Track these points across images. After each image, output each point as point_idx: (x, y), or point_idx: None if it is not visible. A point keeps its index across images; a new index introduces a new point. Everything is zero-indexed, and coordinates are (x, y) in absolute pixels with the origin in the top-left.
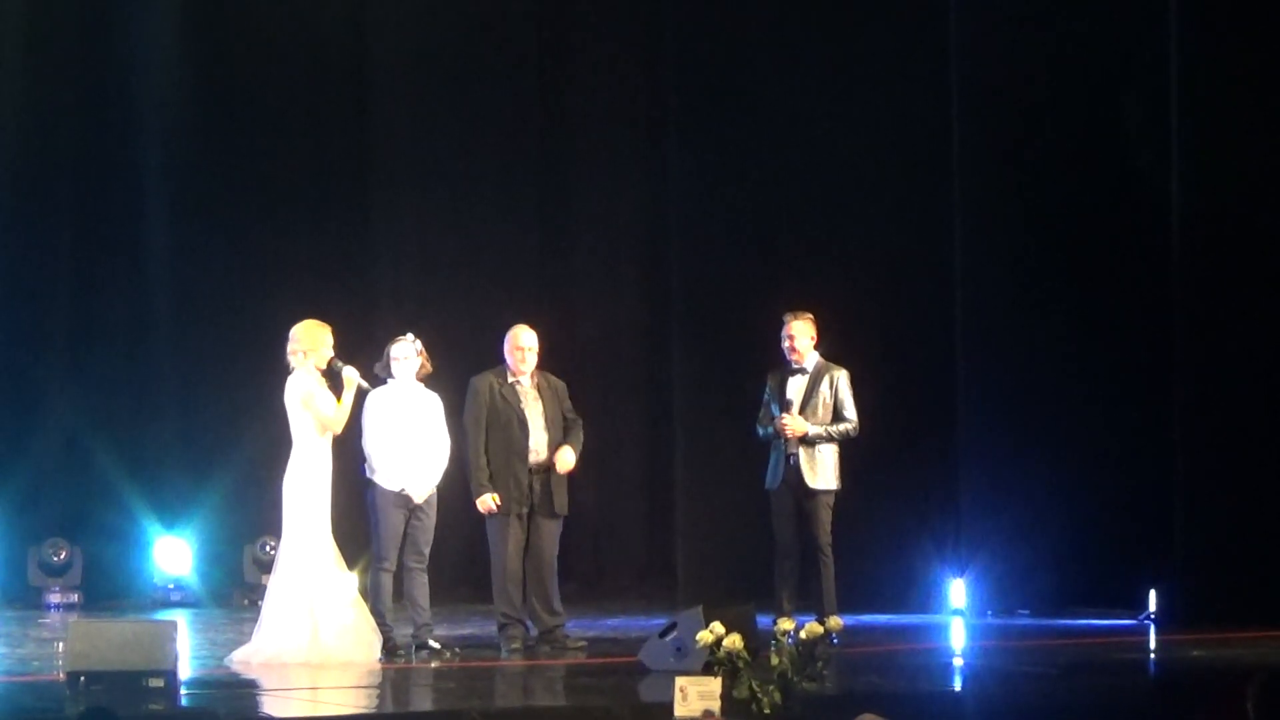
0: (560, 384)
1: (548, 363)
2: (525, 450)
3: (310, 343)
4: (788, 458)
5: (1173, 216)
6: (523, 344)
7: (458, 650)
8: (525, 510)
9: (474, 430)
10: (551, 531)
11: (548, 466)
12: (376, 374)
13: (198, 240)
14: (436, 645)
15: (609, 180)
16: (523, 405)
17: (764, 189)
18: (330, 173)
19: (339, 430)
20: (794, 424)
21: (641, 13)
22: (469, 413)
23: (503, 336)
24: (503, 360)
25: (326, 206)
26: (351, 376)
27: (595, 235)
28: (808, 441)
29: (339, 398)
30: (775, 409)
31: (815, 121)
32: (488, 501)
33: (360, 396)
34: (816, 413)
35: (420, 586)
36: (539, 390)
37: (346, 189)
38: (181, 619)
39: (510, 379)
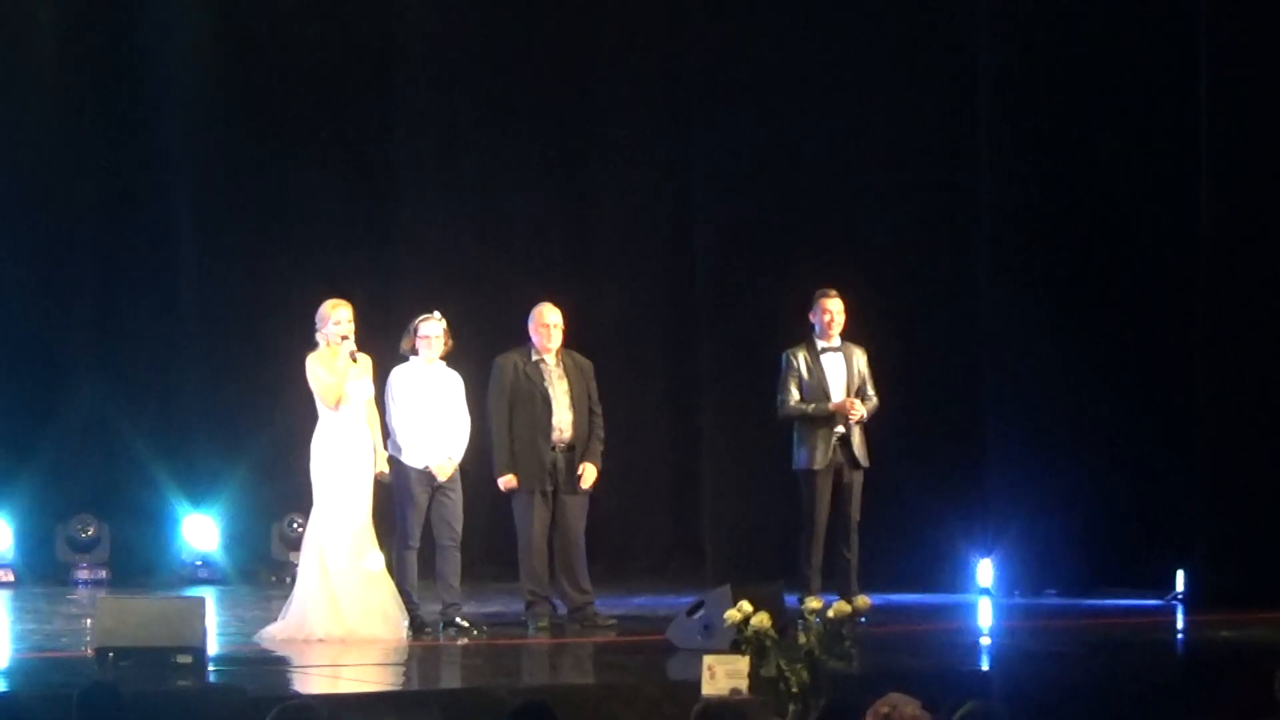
0: (586, 363)
1: (573, 341)
2: (549, 428)
3: (320, 318)
4: (836, 436)
5: (1200, 193)
6: (547, 321)
7: (485, 628)
8: (550, 488)
9: (498, 409)
10: (577, 509)
11: (572, 444)
12: (401, 351)
13: (221, 216)
14: (464, 623)
15: (634, 158)
16: (546, 384)
17: (788, 167)
18: (355, 150)
19: (331, 404)
20: (859, 408)
21: None
22: (493, 391)
23: (527, 314)
24: (528, 338)
25: (351, 184)
26: (345, 350)
27: (620, 213)
28: (858, 422)
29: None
30: (810, 388)
31: (842, 102)
32: (509, 480)
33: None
34: (857, 391)
35: (452, 565)
36: (564, 368)
37: (371, 167)
38: (209, 596)
39: (535, 357)
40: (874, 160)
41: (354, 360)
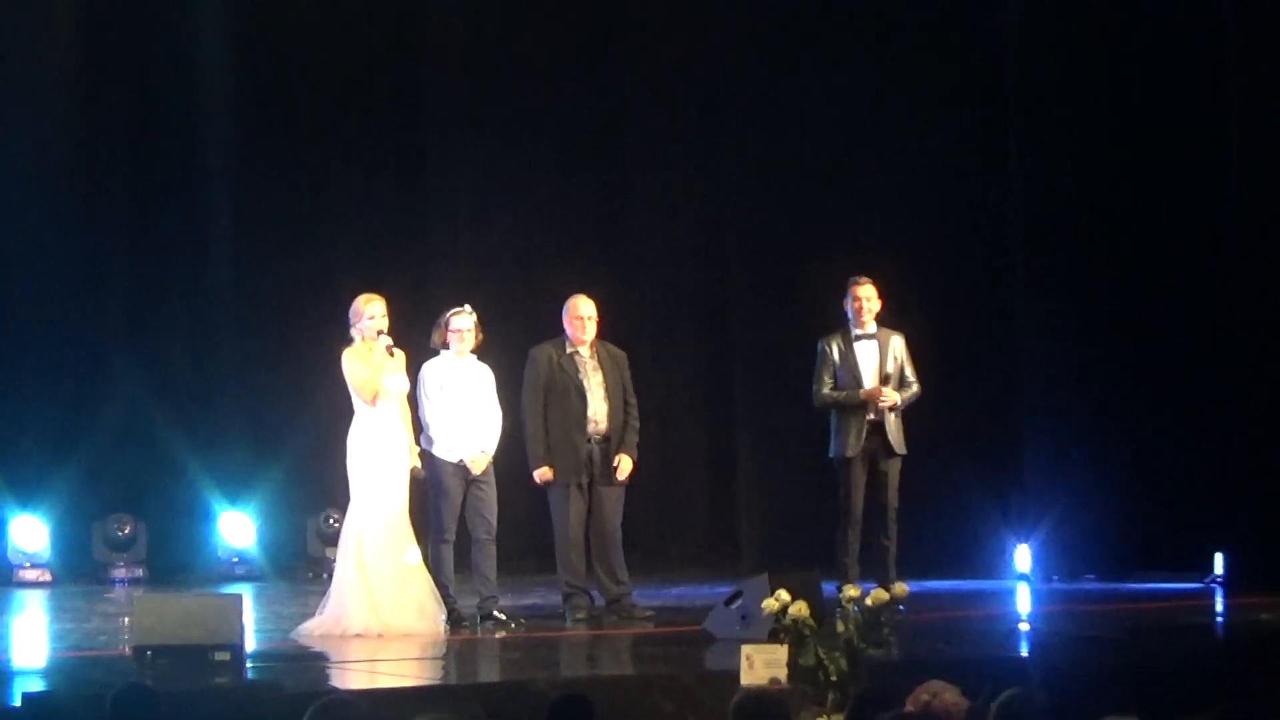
0: (621, 354)
1: (607, 332)
2: (584, 420)
3: (354, 314)
4: (869, 424)
5: (1233, 174)
6: (582, 313)
7: (523, 621)
8: (585, 480)
9: (532, 402)
10: (613, 500)
11: (607, 436)
12: (433, 345)
13: (256, 211)
14: (502, 616)
15: (668, 149)
16: (581, 376)
17: (821, 154)
18: (385, 141)
19: (367, 399)
20: (890, 395)
21: None
22: (528, 384)
23: (560, 306)
24: (562, 331)
25: (381, 174)
26: (380, 344)
27: (654, 204)
28: (891, 409)
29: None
30: (845, 376)
31: (877, 90)
32: (544, 473)
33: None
34: (893, 379)
35: (488, 558)
36: (599, 360)
37: (403, 160)
38: (246, 593)
39: (569, 349)
40: (910, 148)
41: (390, 355)
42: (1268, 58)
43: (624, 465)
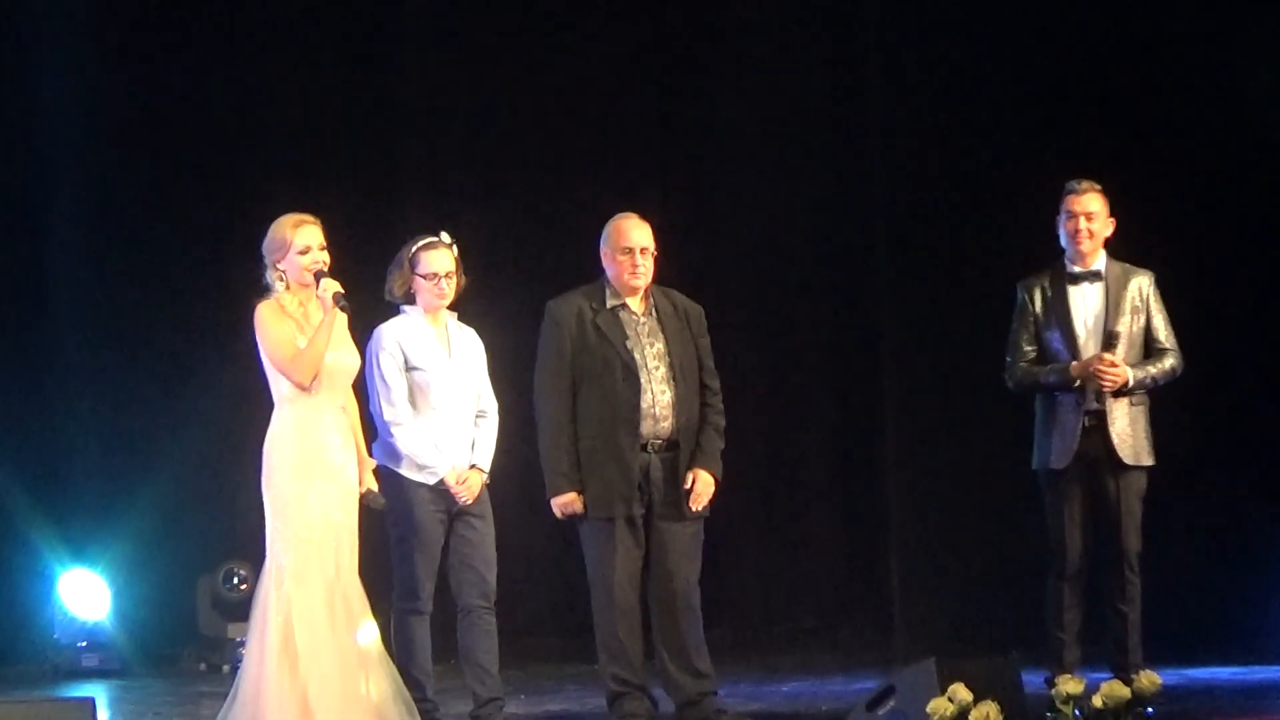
0: (695, 309)
1: (673, 275)
2: (635, 414)
3: (273, 246)
4: (1085, 416)
5: None
6: (632, 242)
7: None
8: (639, 511)
9: (551, 386)
10: (685, 543)
11: (674, 440)
12: (388, 296)
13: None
14: None
15: None
16: (631, 344)
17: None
18: None
19: (303, 378)
20: (1118, 370)
21: None
22: (544, 357)
23: (597, 235)
24: (599, 272)
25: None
26: (325, 291)
27: (750, 84)
28: (1123, 392)
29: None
30: (1053, 340)
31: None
32: (569, 502)
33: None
34: (1131, 344)
35: (485, 636)
36: (659, 319)
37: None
38: (99, 696)
39: (611, 302)
40: None
41: (341, 307)
42: None
43: (702, 487)
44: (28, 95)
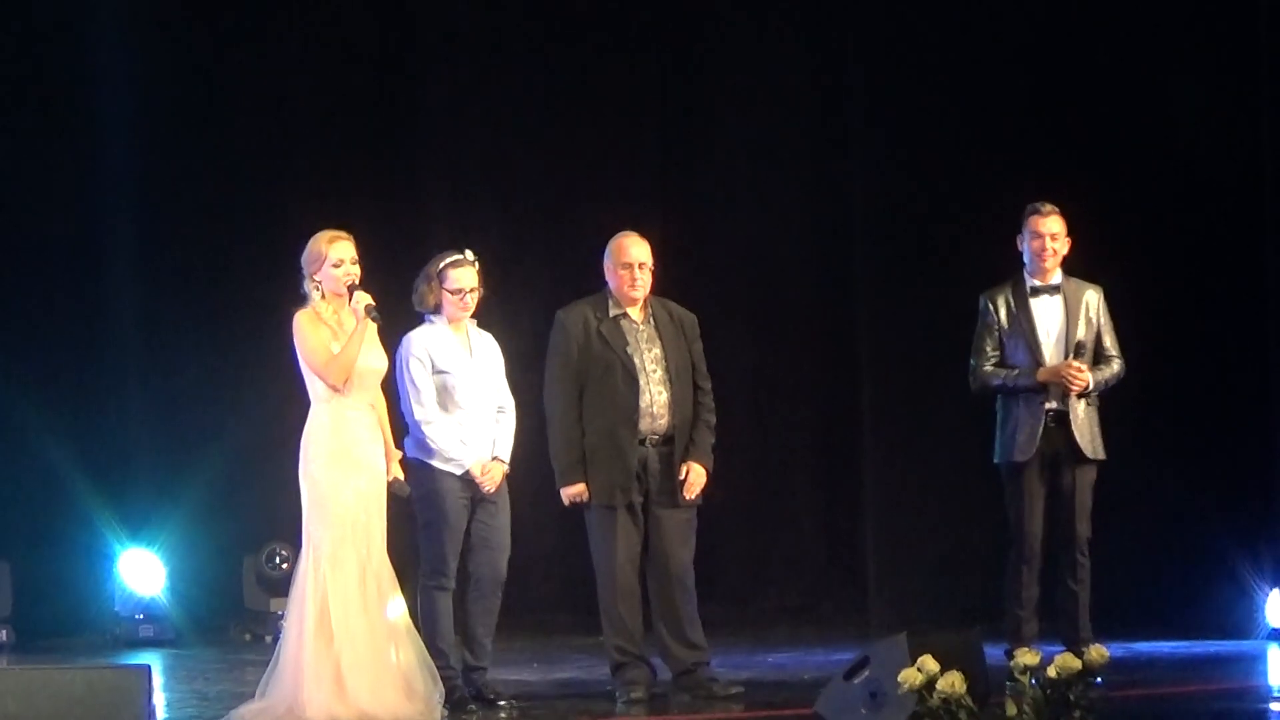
0: (689, 317)
1: (671, 288)
2: (634, 412)
3: (311, 259)
4: (1048, 415)
5: None
6: (630, 258)
7: (514, 702)
8: (638, 499)
9: (560, 386)
10: (679, 528)
11: (670, 435)
12: (418, 307)
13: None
14: (495, 696)
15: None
16: (631, 349)
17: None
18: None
19: (336, 380)
20: (1084, 375)
21: None
22: (553, 360)
23: (600, 250)
24: (602, 284)
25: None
26: (358, 304)
27: (749, 105)
28: (1083, 394)
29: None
30: (1015, 347)
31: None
32: (576, 492)
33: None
34: (1085, 351)
35: (487, 613)
36: (656, 327)
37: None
38: (155, 664)
39: (614, 311)
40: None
41: (371, 318)
42: None
43: (695, 478)
44: (85, 103)
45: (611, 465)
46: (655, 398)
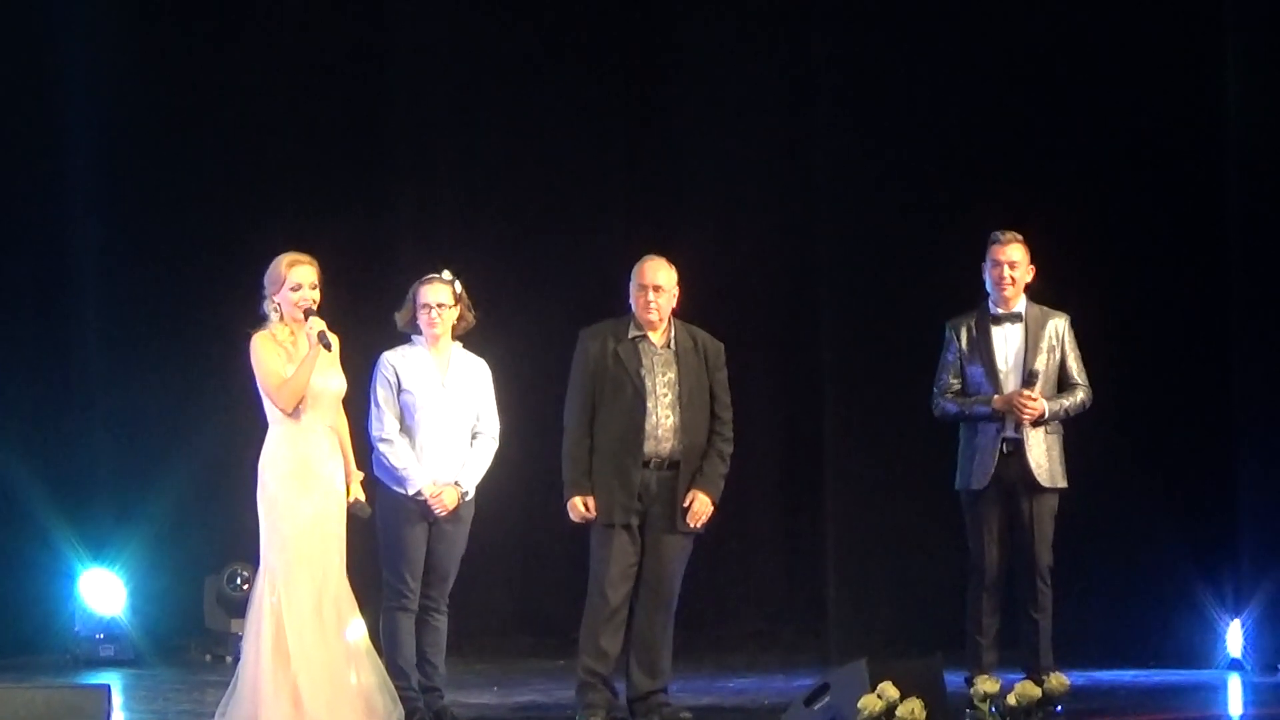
0: (715, 345)
1: (694, 312)
2: (639, 435)
3: (271, 281)
4: (1004, 443)
5: None
6: (645, 280)
7: None
8: (636, 521)
9: (574, 404)
10: (674, 554)
11: (674, 460)
12: (400, 327)
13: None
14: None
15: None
16: (644, 371)
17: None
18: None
19: (286, 405)
20: (1036, 404)
21: None
22: (572, 379)
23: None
24: (627, 309)
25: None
26: (310, 329)
27: (720, 134)
28: (1039, 422)
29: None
30: (975, 375)
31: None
32: (577, 506)
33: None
34: (1047, 380)
35: (434, 631)
36: (676, 351)
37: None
38: (114, 684)
39: (633, 333)
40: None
41: (325, 346)
42: None
43: (699, 507)
44: (49, 121)
45: (613, 484)
46: (661, 421)
